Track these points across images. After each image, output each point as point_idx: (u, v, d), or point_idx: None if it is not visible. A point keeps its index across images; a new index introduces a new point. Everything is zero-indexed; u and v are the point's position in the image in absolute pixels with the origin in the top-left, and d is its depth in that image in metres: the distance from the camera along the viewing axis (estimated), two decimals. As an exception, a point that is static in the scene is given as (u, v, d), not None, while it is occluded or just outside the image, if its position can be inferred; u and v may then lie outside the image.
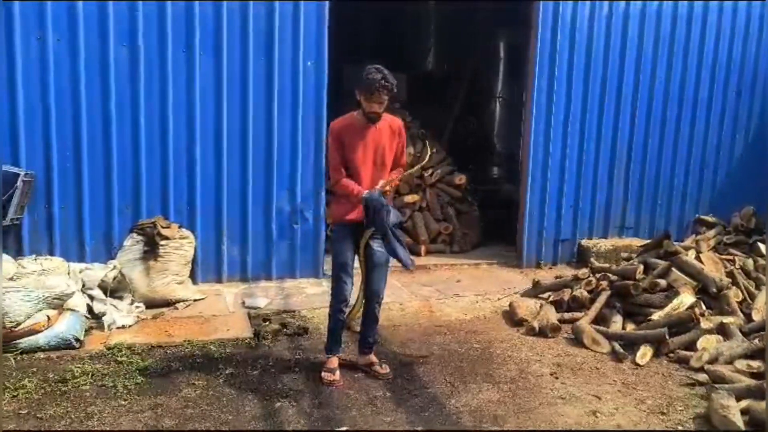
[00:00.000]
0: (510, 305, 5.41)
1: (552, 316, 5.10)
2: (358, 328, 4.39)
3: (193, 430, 3.37)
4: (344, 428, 3.46)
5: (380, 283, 4.10)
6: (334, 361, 4.10)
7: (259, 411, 3.62)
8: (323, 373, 4.03)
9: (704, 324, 4.63)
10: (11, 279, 4.50)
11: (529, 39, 6.58)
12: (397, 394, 3.90)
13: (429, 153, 4.56)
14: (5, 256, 4.82)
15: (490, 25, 8.90)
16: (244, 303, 5.34)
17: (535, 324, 4.97)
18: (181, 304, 5.22)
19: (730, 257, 5.70)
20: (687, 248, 5.55)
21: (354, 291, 4.18)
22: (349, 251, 4.00)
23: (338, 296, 4.05)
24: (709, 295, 4.99)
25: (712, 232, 6.44)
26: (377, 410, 3.69)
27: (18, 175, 4.98)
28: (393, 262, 4.05)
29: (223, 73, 5.57)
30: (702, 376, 4.15)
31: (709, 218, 6.83)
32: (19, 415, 3.46)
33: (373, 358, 4.20)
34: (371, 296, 4.12)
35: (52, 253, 5.29)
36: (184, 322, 4.91)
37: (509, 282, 6.25)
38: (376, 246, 4.01)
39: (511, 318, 5.25)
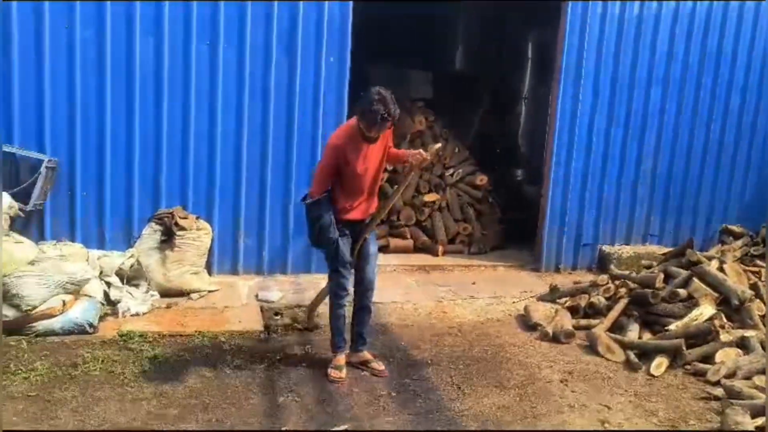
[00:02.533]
0: (524, 309, 5.33)
1: (567, 321, 5.01)
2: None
3: (180, 430, 3.36)
4: (343, 427, 3.44)
5: (374, 273, 4.09)
6: (341, 359, 4.09)
7: (262, 405, 3.63)
8: (330, 370, 4.03)
9: (724, 337, 4.50)
10: (31, 263, 4.58)
11: (557, 40, 6.47)
12: (403, 394, 3.88)
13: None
14: (27, 241, 4.91)
15: (518, 24, 8.78)
16: (257, 296, 5.37)
17: (549, 329, 4.89)
18: (196, 294, 5.26)
19: (756, 269, 5.52)
20: (710, 258, 5.40)
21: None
22: (348, 248, 4.00)
23: (339, 291, 4.06)
24: (731, 307, 4.84)
25: (738, 243, 6.26)
26: (381, 410, 3.67)
27: (42, 161, 5.09)
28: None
29: (246, 67, 5.59)
30: (718, 391, 4.04)
31: (736, 228, 6.64)
32: (29, 396, 3.53)
33: (368, 355, 4.18)
34: (366, 288, 4.09)
35: (73, 239, 5.38)
36: (197, 313, 4.95)
37: (526, 285, 6.15)
38: (371, 240, 4.06)
39: (525, 322, 5.17)
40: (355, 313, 4.18)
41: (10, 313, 4.26)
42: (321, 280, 5.78)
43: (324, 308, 5.11)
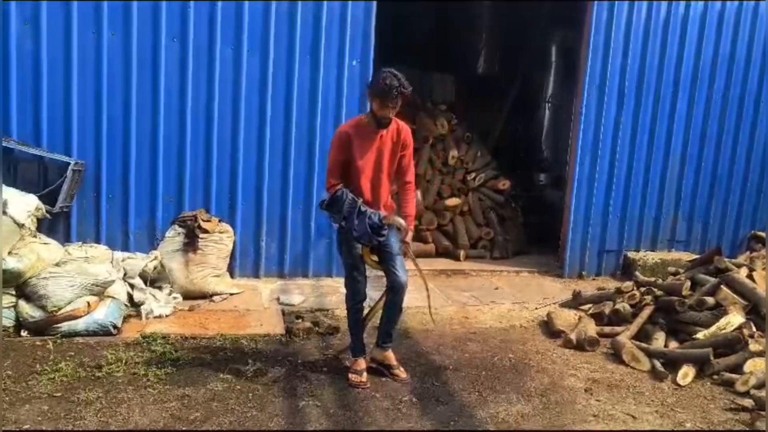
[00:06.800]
0: (548, 316, 5.27)
1: (591, 329, 4.94)
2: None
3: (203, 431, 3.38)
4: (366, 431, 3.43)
5: (404, 273, 3.99)
6: (361, 363, 4.07)
7: (283, 409, 3.62)
8: (350, 375, 4.01)
9: (753, 346, 4.39)
10: (57, 265, 4.64)
11: (581, 42, 6.39)
12: (424, 400, 3.84)
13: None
14: (53, 242, 4.98)
15: (543, 26, 8.70)
16: (278, 299, 5.38)
17: (573, 336, 4.82)
18: (218, 297, 5.30)
19: (787, 277, 5.39)
20: (739, 265, 5.28)
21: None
22: (358, 250, 3.96)
23: (355, 296, 4.06)
24: (761, 316, 4.73)
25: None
26: (402, 415, 3.64)
27: (68, 164, 5.16)
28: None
29: (269, 70, 5.63)
30: (747, 402, 3.94)
31: (765, 234, 6.49)
32: (53, 397, 3.56)
33: (391, 355, 4.13)
34: (399, 287, 3.96)
35: (98, 241, 5.45)
36: (219, 315, 4.97)
37: (549, 292, 6.09)
38: (390, 237, 3.96)
39: (548, 329, 5.11)
40: (385, 310, 4.12)
41: (36, 313, 4.33)
42: (342, 285, 5.81)
43: (344, 313, 5.12)
